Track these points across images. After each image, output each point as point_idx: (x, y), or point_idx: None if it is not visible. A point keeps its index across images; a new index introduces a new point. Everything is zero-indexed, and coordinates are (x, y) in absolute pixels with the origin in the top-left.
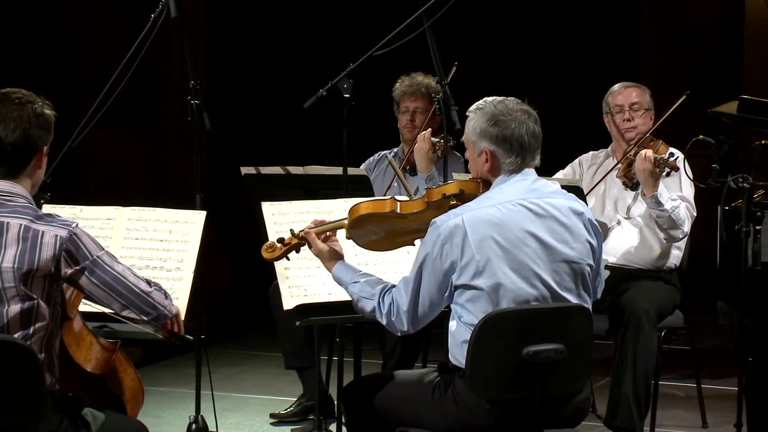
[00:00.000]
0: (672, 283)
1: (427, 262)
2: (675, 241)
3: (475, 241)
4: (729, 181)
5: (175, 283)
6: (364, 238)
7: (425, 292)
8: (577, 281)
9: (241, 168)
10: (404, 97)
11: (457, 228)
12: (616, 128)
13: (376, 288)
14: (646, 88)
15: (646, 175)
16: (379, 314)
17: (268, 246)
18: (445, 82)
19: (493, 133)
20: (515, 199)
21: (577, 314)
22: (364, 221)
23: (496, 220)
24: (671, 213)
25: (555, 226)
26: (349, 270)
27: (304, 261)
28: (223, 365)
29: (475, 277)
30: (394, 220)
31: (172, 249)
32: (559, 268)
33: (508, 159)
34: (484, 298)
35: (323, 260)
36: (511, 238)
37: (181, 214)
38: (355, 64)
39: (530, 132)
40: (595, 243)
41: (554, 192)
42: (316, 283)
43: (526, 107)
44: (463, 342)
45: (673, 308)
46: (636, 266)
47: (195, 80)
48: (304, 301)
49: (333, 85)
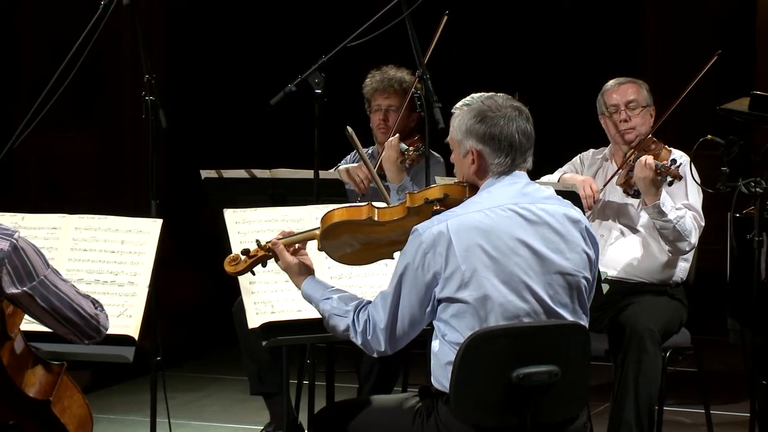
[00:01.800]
0: (678, 298)
1: (407, 273)
2: (681, 253)
3: (461, 249)
4: (740, 185)
5: (127, 299)
6: (339, 250)
7: (405, 307)
8: (573, 296)
9: (201, 171)
10: (375, 95)
11: (440, 235)
12: (613, 130)
13: (350, 304)
14: (643, 83)
15: (647, 184)
16: (354, 333)
17: (231, 259)
18: (426, 76)
19: (480, 130)
20: (505, 203)
21: (574, 333)
22: (338, 231)
23: (484, 227)
24: (676, 224)
25: (549, 234)
26: (320, 286)
27: (271, 275)
28: (181, 390)
29: (460, 290)
30: (371, 229)
31: (124, 261)
32: (553, 281)
33: (496, 159)
34: (470, 313)
35: (291, 275)
36: (501, 246)
37: (134, 222)
38: (327, 56)
39: (521, 130)
40: (593, 254)
41: (548, 197)
42: (284, 298)
43: (517, 104)
44: (447, 363)
45: (679, 326)
46: (638, 280)
47: (150, 74)
48: (272, 319)
49: (303, 80)
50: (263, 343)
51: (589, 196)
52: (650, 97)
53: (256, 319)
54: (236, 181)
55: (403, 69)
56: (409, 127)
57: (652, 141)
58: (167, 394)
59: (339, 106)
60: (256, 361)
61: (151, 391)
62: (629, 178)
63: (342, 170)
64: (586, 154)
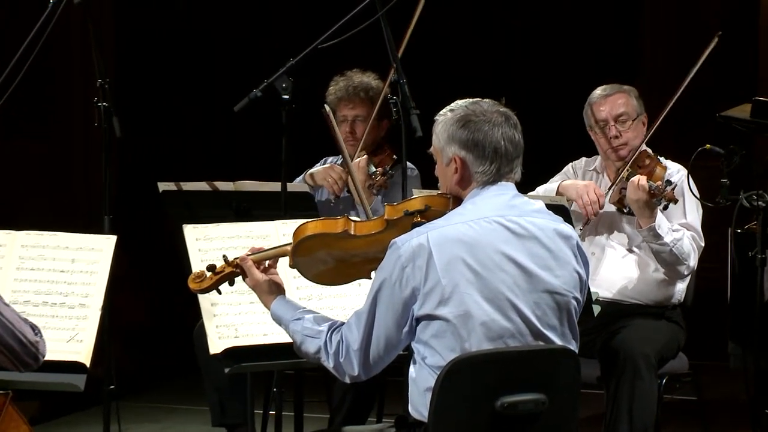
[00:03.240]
0: (675, 321)
1: (383, 289)
2: (680, 277)
3: (442, 263)
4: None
5: (78, 323)
6: (312, 268)
7: (381, 327)
8: (562, 317)
9: (158, 184)
10: (340, 104)
11: (420, 248)
12: (605, 146)
13: (323, 325)
14: (632, 89)
15: (641, 206)
16: (326, 356)
17: (196, 275)
18: (402, 81)
19: (462, 136)
20: (491, 215)
21: (563, 358)
22: (311, 246)
23: (468, 239)
24: (673, 247)
25: (537, 250)
26: (290, 306)
27: (236, 296)
28: (137, 421)
29: (440, 306)
30: (347, 244)
31: (75, 282)
32: (541, 300)
33: (480, 167)
34: (450, 332)
35: (260, 294)
36: (485, 260)
37: (86, 239)
38: (295, 59)
39: (507, 137)
40: (584, 274)
41: (537, 210)
42: (249, 322)
43: (504, 109)
44: (426, 390)
45: (676, 351)
46: (633, 301)
47: (102, 78)
48: (235, 344)
49: (269, 84)
50: (226, 370)
51: (594, 201)
52: (640, 104)
53: (218, 343)
54: (197, 194)
55: (369, 73)
56: (379, 137)
57: (647, 155)
58: (121, 426)
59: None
60: (219, 390)
61: (103, 423)
62: (623, 196)
63: (309, 175)
64: (578, 163)
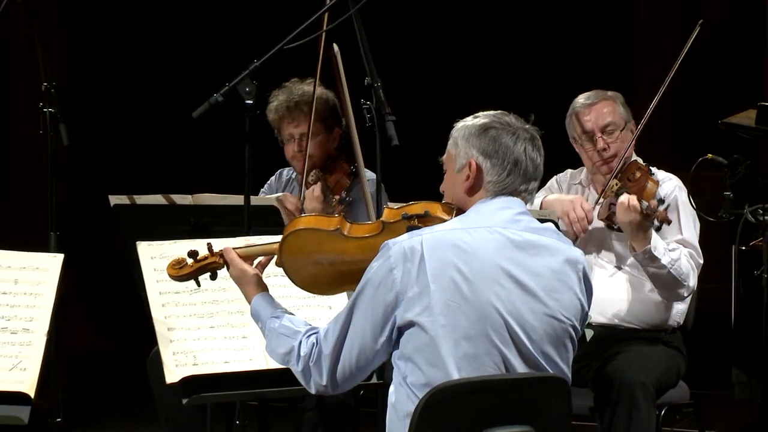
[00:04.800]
0: (674, 346)
1: (365, 290)
2: (679, 300)
3: (433, 267)
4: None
5: (22, 349)
6: (301, 270)
7: (356, 332)
8: (557, 345)
9: (109, 197)
10: (282, 123)
11: (412, 251)
12: (589, 159)
13: (301, 326)
14: (618, 95)
15: (633, 229)
16: (296, 358)
17: (176, 261)
18: (377, 84)
19: (483, 142)
20: (493, 225)
21: (552, 388)
22: (301, 243)
23: (464, 246)
24: (671, 268)
25: (540, 269)
26: (272, 303)
27: (194, 319)
28: None
29: (425, 313)
30: (339, 246)
31: (18, 304)
32: (537, 323)
33: (495, 176)
34: (433, 346)
35: (244, 285)
36: (480, 271)
37: (29, 258)
38: (259, 61)
39: (529, 155)
40: (585, 305)
41: (544, 229)
42: (209, 347)
43: (531, 128)
44: (406, 416)
45: (676, 379)
46: (628, 325)
47: (48, 82)
48: (194, 372)
49: (231, 89)
50: (184, 400)
51: (582, 218)
52: (627, 111)
53: (175, 372)
54: (152, 208)
55: (310, 80)
56: (331, 149)
57: (637, 166)
58: None
59: None
60: (176, 423)
61: None
62: (612, 212)
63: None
64: (563, 176)
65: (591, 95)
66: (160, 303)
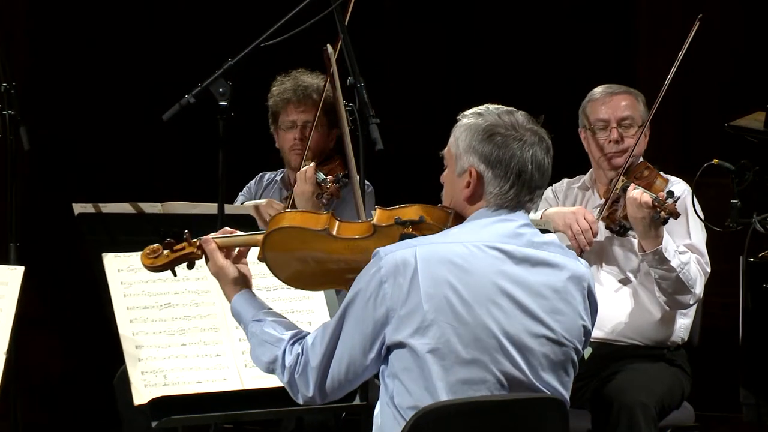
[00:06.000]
0: (678, 364)
1: (356, 302)
2: (683, 308)
3: (427, 284)
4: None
5: None
6: (285, 267)
7: (345, 345)
8: (557, 370)
9: (73, 205)
10: (288, 108)
11: (405, 264)
12: (598, 150)
13: (285, 333)
14: (640, 94)
15: (645, 225)
16: (281, 369)
17: (151, 250)
18: (360, 84)
19: (486, 149)
20: (493, 240)
21: (548, 410)
22: (286, 240)
23: (460, 262)
24: (680, 272)
25: (540, 288)
26: (254, 303)
27: (164, 336)
28: None
29: (416, 335)
30: (326, 245)
31: None
32: (536, 346)
33: (497, 188)
34: (423, 368)
35: (223, 282)
36: (476, 290)
37: None
38: (234, 60)
39: (536, 162)
40: (589, 325)
41: (547, 243)
42: (180, 366)
43: (540, 129)
44: None
45: (679, 400)
46: (628, 341)
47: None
48: (164, 393)
49: (204, 89)
50: (153, 423)
51: (586, 229)
52: (646, 113)
53: (144, 392)
54: (118, 217)
55: (318, 74)
56: (328, 148)
57: (645, 166)
58: None
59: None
60: None
61: None
62: (614, 211)
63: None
64: (558, 186)
65: (613, 86)
66: (128, 319)
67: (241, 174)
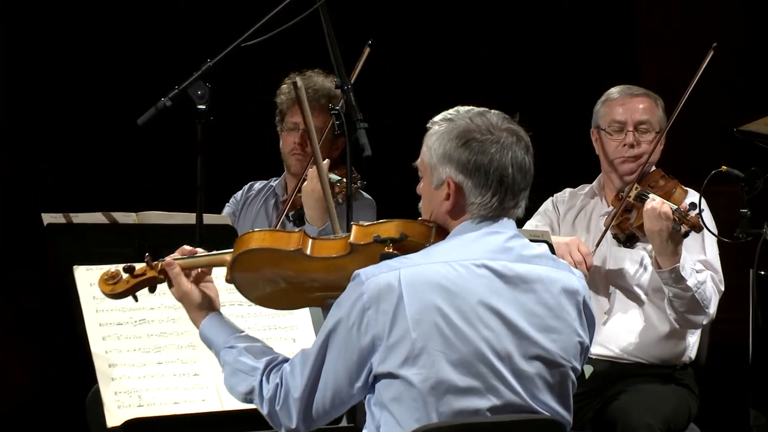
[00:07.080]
0: (685, 383)
1: (338, 331)
2: (694, 328)
3: (414, 311)
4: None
5: None
6: (255, 288)
7: (329, 376)
8: (554, 391)
9: (43, 215)
10: (294, 108)
11: (389, 288)
12: (610, 153)
13: (260, 360)
14: (659, 99)
15: (662, 240)
16: (259, 400)
17: (110, 275)
18: (348, 87)
19: (462, 157)
20: (480, 257)
21: (548, 431)
22: (255, 262)
23: (448, 284)
24: (696, 292)
25: (533, 306)
26: (224, 328)
27: (139, 354)
28: None
29: (405, 365)
30: (300, 265)
31: None
32: (531, 368)
33: (479, 198)
34: (414, 399)
35: (189, 308)
36: (467, 313)
37: None
38: (213, 61)
39: (517, 163)
40: (586, 340)
41: (538, 256)
42: (156, 386)
43: (516, 127)
44: None
45: (686, 421)
46: (633, 360)
47: None
48: (139, 414)
49: (181, 92)
50: None
51: (579, 262)
52: (665, 120)
53: (117, 414)
54: (91, 228)
55: (332, 78)
56: (332, 157)
57: (660, 174)
58: None
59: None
60: None
61: None
62: (624, 220)
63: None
64: (560, 196)
65: (632, 87)
66: (101, 336)
67: (227, 184)
